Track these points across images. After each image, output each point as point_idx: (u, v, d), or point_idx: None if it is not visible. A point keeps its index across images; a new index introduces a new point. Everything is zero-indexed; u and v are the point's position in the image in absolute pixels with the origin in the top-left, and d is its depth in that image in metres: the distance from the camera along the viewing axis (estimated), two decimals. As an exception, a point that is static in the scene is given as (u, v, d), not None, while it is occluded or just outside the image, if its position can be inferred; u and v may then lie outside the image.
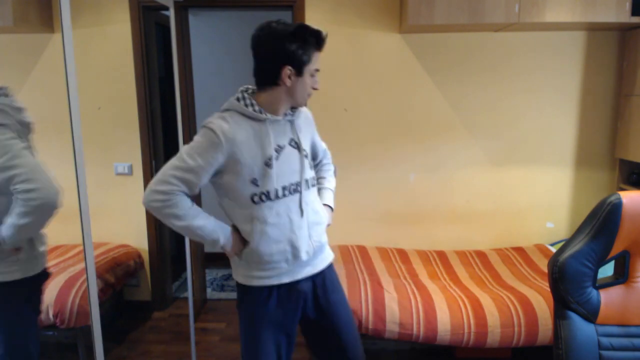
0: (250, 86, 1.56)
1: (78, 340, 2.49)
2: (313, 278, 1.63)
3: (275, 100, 1.51)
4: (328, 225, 1.72)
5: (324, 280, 1.65)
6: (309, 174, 1.61)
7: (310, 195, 1.61)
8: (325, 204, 1.74)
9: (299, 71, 1.47)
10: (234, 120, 1.47)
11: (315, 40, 1.47)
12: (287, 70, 1.45)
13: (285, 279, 1.57)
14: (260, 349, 1.57)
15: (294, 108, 1.59)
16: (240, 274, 1.61)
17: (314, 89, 1.54)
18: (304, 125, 1.66)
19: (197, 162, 1.43)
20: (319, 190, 1.78)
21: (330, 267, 1.70)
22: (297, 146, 1.57)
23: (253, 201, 1.49)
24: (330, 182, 1.84)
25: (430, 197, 3.13)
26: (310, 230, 1.59)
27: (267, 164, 1.47)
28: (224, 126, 1.44)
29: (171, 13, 2.47)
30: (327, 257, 1.69)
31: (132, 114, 3.05)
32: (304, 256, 1.56)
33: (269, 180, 1.48)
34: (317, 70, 1.52)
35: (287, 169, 1.52)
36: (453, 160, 3.08)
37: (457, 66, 2.98)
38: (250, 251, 1.53)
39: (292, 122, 1.58)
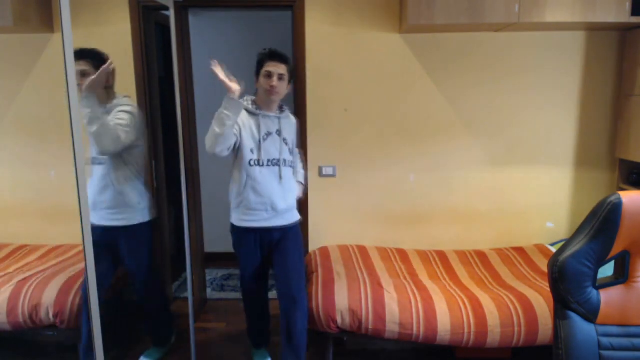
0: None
1: (78, 340, 2.49)
2: (282, 229, 2.36)
3: (259, 100, 2.32)
4: (299, 196, 2.48)
5: (288, 232, 2.38)
6: (287, 156, 2.35)
7: (287, 171, 2.36)
8: (298, 181, 2.51)
9: (257, 76, 2.28)
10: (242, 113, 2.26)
11: (264, 53, 2.25)
12: (255, 78, 2.30)
13: (264, 224, 2.32)
14: (242, 258, 2.42)
15: (282, 110, 2.38)
16: (235, 218, 2.36)
17: (271, 86, 2.21)
18: (289, 126, 2.41)
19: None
20: (295, 174, 2.51)
21: (296, 226, 2.43)
22: (280, 135, 2.32)
23: (250, 164, 2.25)
24: (301, 171, 2.59)
25: (430, 197, 3.13)
26: (285, 194, 2.34)
27: (259, 141, 2.26)
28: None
29: (171, 13, 2.47)
30: (294, 217, 2.43)
31: (132, 114, 3.05)
32: (279, 210, 2.31)
33: (260, 152, 2.25)
34: (269, 72, 2.21)
35: (271, 148, 2.29)
36: (453, 160, 3.08)
37: (457, 66, 2.98)
38: (242, 199, 2.29)
39: (279, 119, 2.33)
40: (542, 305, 2.27)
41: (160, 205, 3.20)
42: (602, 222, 1.27)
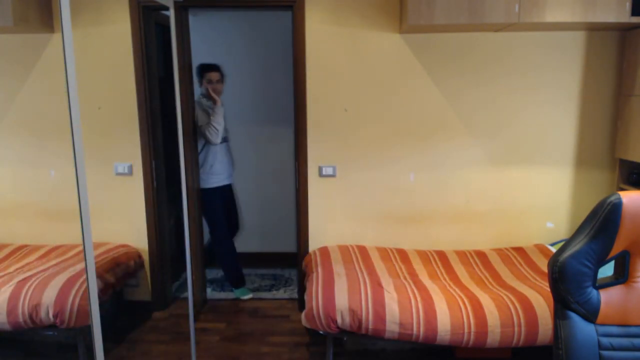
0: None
1: (78, 340, 2.49)
2: (230, 185, 3.59)
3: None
4: None
5: (231, 187, 3.65)
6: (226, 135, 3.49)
7: (229, 145, 3.57)
8: None
9: (201, 82, 3.31)
10: (201, 104, 3.30)
11: (201, 66, 3.30)
12: (200, 83, 3.34)
13: (224, 183, 3.47)
14: (216, 210, 3.43)
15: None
16: (207, 183, 3.35)
17: (214, 90, 3.23)
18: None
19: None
20: None
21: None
22: (225, 120, 3.36)
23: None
24: None
25: (430, 197, 3.13)
26: (231, 161, 3.53)
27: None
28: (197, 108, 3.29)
29: (171, 13, 2.47)
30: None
31: (132, 114, 3.05)
32: (230, 172, 3.53)
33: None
34: (210, 80, 3.24)
35: (222, 130, 3.28)
36: (453, 160, 3.09)
37: (457, 66, 2.98)
38: (213, 169, 3.34)
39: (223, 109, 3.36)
40: (542, 305, 2.27)
41: (160, 205, 3.21)
42: (602, 222, 1.27)
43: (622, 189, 2.95)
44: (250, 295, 3.52)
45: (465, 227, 3.16)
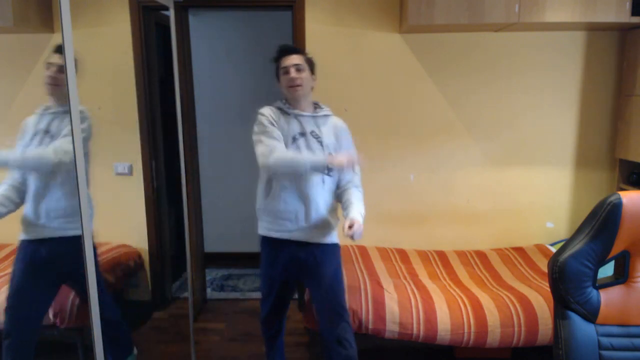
0: None
1: (78, 340, 2.49)
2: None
3: (290, 101, 2.12)
4: (353, 226, 2.02)
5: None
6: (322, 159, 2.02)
7: (317, 176, 2.07)
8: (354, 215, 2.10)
9: (277, 76, 2.11)
10: (272, 109, 2.09)
11: (279, 51, 2.10)
12: (277, 83, 2.13)
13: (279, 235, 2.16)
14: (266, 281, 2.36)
15: (317, 108, 2.20)
16: (260, 227, 2.20)
17: (290, 78, 2.04)
18: (330, 128, 2.17)
19: (266, 125, 2.03)
20: (348, 203, 2.20)
21: (324, 247, 2.16)
22: (317, 136, 2.09)
23: None
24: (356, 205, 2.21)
25: (430, 197, 3.13)
26: (311, 204, 2.09)
27: (292, 140, 2.05)
28: (267, 109, 2.08)
29: (171, 13, 2.47)
30: (317, 237, 2.15)
31: (132, 114, 3.05)
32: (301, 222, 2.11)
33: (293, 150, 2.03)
34: (285, 67, 2.05)
35: (304, 148, 2.05)
36: (453, 160, 3.08)
37: (458, 66, 2.98)
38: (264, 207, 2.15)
39: (314, 118, 2.13)
40: (542, 305, 2.27)
41: (160, 205, 3.20)
42: (602, 222, 1.27)
43: (622, 189, 2.95)
44: None
45: (466, 227, 3.16)
